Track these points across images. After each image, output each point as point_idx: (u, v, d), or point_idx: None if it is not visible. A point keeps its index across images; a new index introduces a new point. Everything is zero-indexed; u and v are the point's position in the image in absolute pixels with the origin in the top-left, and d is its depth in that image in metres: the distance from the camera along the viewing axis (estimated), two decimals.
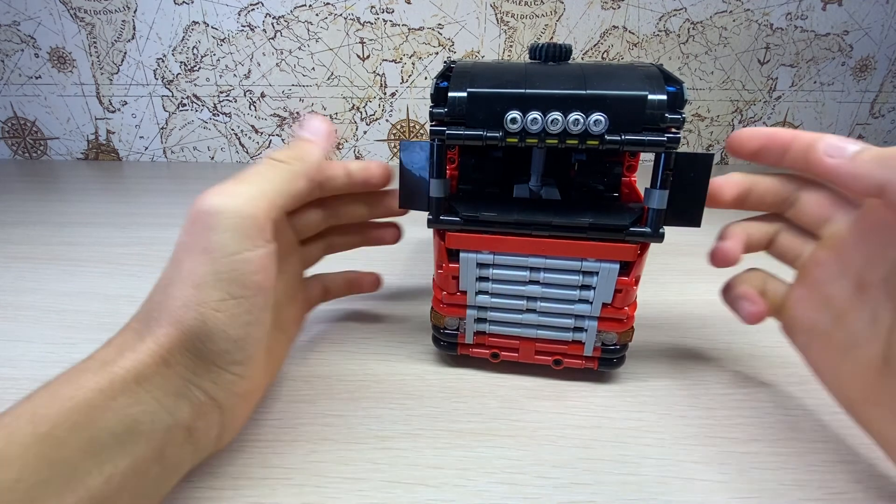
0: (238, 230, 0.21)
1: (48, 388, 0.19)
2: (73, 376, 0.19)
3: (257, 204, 0.22)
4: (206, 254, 0.21)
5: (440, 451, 0.27)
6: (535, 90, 0.24)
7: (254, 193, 0.22)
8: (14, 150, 0.72)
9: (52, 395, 0.19)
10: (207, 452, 0.23)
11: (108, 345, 0.21)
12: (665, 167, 0.25)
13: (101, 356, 0.20)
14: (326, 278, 0.34)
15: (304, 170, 0.25)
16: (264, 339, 0.23)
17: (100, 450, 0.18)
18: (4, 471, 0.16)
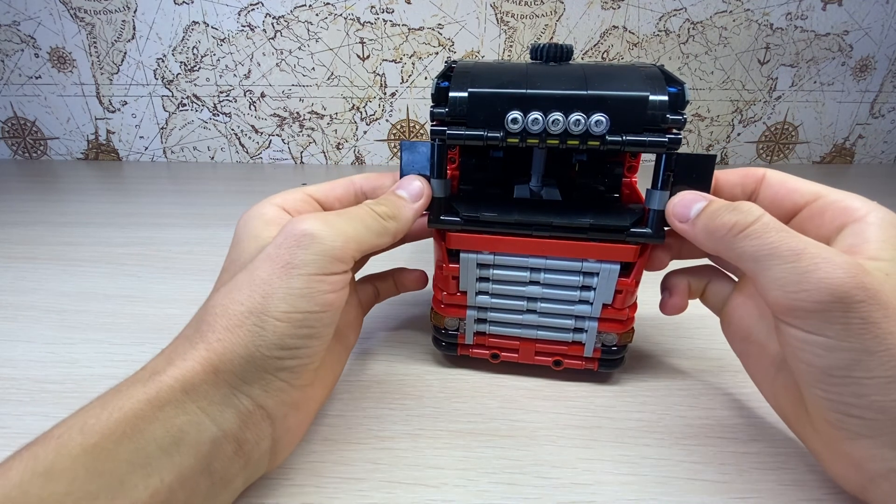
0: (324, 255, 0.22)
1: (101, 399, 0.19)
2: (125, 387, 0.19)
3: (348, 243, 0.23)
4: (287, 268, 0.22)
5: (440, 451, 0.27)
6: (537, 90, 0.24)
7: (349, 233, 0.24)
8: (14, 150, 0.72)
9: (102, 406, 0.19)
10: (261, 469, 0.23)
11: (161, 354, 0.21)
12: (666, 168, 0.25)
13: (152, 366, 0.20)
14: (376, 280, 0.33)
15: (395, 230, 0.26)
16: (322, 350, 0.23)
17: (146, 462, 0.18)
18: (54, 484, 0.16)
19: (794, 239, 0.20)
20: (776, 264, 0.20)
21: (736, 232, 0.22)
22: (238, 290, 0.22)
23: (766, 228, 0.21)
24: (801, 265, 0.20)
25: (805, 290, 0.19)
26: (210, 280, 0.42)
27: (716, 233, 0.22)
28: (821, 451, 0.23)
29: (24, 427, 0.28)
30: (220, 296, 0.23)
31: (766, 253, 0.20)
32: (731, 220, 0.22)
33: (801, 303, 0.19)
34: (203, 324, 0.22)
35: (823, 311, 0.19)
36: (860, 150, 0.72)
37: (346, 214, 0.25)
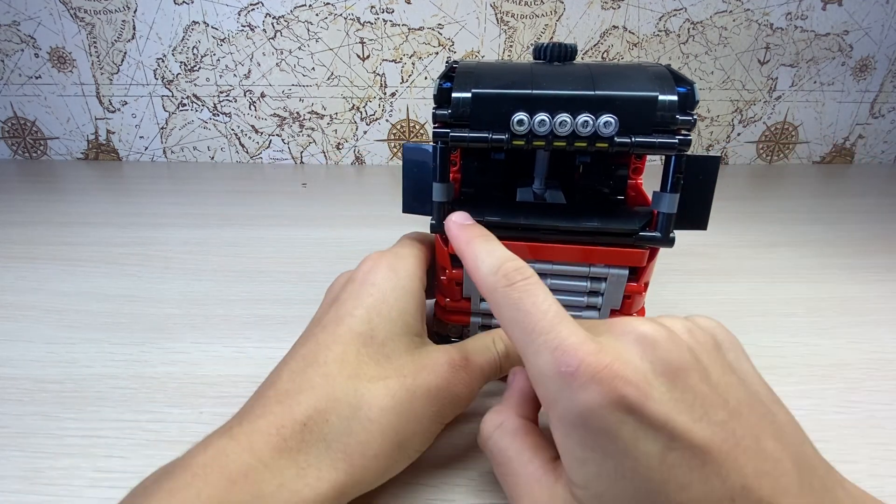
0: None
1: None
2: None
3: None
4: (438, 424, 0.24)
5: (441, 450, 0.27)
6: (543, 91, 0.24)
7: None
8: (14, 150, 0.72)
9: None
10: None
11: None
12: (676, 170, 0.24)
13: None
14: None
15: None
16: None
17: None
18: None
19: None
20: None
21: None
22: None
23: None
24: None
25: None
26: (210, 280, 0.42)
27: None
28: None
29: (24, 427, 0.28)
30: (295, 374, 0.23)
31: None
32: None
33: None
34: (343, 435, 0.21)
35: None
36: (860, 150, 0.72)
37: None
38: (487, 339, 0.26)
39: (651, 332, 0.18)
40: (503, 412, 0.22)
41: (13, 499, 0.24)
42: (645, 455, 0.16)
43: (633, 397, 0.16)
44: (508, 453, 0.21)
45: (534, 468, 0.20)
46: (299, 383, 0.22)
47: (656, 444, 0.16)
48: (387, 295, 0.25)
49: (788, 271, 0.45)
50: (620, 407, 0.16)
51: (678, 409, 0.16)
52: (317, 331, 0.24)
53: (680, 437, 0.16)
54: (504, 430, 0.21)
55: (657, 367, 0.17)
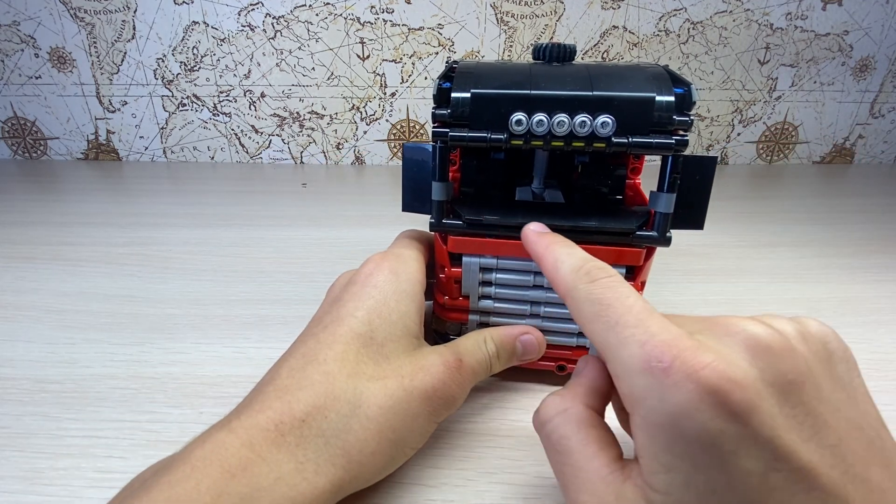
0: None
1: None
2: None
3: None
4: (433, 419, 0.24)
5: (440, 451, 0.27)
6: (541, 91, 0.24)
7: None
8: (14, 150, 0.72)
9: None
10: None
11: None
12: (673, 170, 0.25)
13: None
14: None
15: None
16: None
17: None
18: None
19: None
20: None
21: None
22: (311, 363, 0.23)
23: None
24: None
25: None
26: (210, 280, 0.42)
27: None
28: None
29: (24, 427, 0.28)
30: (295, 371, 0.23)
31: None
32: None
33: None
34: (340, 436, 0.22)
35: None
36: (860, 150, 0.72)
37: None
38: (479, 338, 0.27)
39: (765, 335, 0.16)
40: (568, 398, 0.21)
41: (13, 499, 0.24)
42: (744, 472, 0.15)
43: (740, 403, 0.15)
44: (570, 443, 0.19)
45: (599, 464, 0.18)
46: (299, 380, 0.22)
47: (759, 461, 0.15)
48: (388, 297, 0.25)
49: (788, 271, 0.45)
50: (723, 412, 0.15)
51: (788, 426, 0.15)
52: (317, 330, 0.25)
53: (787, 458, 0.15)
54: (568, 417, 0.20)
55: (768, 377, 0.15)
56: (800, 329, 0.17)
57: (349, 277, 0.27)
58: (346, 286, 0.27)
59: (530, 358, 0.29)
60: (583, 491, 0.18)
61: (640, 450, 0.17)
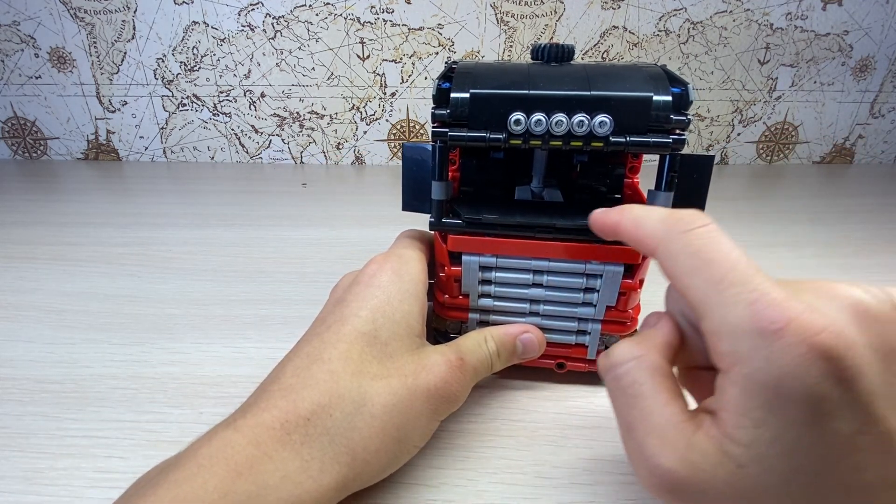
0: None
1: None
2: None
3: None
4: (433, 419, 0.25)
5: (440, 451, 0.27)
6: (539, 91, 0.24)
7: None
8: (14, 150, 0.72)
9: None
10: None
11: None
12: (670, 169, 0.25)
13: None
14: None
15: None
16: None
17: None
18: None
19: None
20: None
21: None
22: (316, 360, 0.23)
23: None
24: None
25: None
26: (210, 280, 0.42)
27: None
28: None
29: (23, 427, 0.28)
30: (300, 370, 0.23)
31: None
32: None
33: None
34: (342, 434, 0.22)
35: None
36: (860, 150, 0.72)
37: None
38: (480, 337, 0.27)
39: (872, 302, 0.16)
40: (644, 346, 0.20)
41: (13, 499, 0.24)
42: (835, 432, 0.15)
43: (850, 370, 0.15)
44: (642, 388, 0.19)
45: (671, 412, 0.18)
46: (304, 379, 0.22)
47: (853, 423, 0.15)
48: (391, 297, 0.25)
49: (788, 271, 0.45)
50: (832, 376, 0.15)
51: (885, 393, 0.15)
52: (321, 330, 0.25)
53: (878, 423, 0.15)
54: (643, 363, 0.20)
55: (874, 343, 0.16)
56: (891, 299, 0.17)
57: (352, 278, 0.27)
58: (350, 287, 0.27)
59: (530, 356, 0.29)
60: (651, 434, 0.18)
61: (727, 405, 0.17)
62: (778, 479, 0.16)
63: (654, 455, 0.18)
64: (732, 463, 0.16)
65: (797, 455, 0.16)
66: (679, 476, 0.17)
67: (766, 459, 0.16)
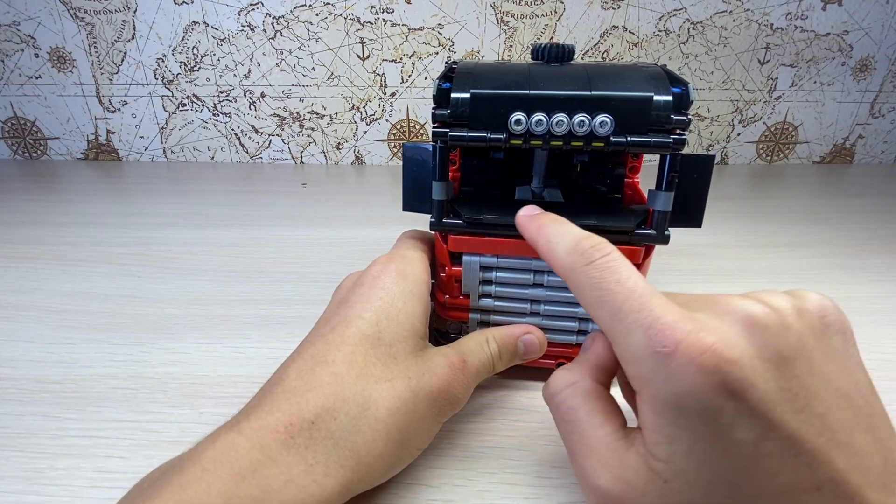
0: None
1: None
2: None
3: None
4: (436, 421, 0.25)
5: (441, 451, 0.27)
6: (540, 91, 0.24)
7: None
8: (14, 150, 0.72)
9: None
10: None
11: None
12: (671, 169, 0.25)
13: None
14: None
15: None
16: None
17: None
18: None
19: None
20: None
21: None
22: (320, 364, 0.23)
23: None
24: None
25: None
26: (210, 280, 0.42)
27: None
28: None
29: (24, 427, 0.28)
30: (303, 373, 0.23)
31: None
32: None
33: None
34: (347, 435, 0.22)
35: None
36: (860, 150, 0.72)
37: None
38: (481, 338, 0.27)
39: (760, 314, 0.17)
40: (577, 372, 0.22)
41: (13, 499, 0.24)
42: (739, 441, 0.16)
43: (738, 383, 0.16)
44: (578, 414, 0.20)
45: (604, 433, 0.19)
46: (308, 381, 0.22)
47: (753, 431, 0.16)
48: (395, 299, 0.25)
49: (788, 271, 0.45)
50: (723, 392, 0.16)
51: (780, 399, 0.16)
52: (325, 331, 0.25)
53: (778, 428, 0.16)
54: (576, 390, 0.21)
55: (764, 353, 0.16)
56: (797, 304, 0.18)
57: (356, 279, 0.27)
58: (353, 288, 0.27)
59: (532, 357, 0.29)
60: (589, 457, 0.19)
61: (645, 423, 0.18)
62: (699, 490, 0.17)
63: (593, 476, 0.19)
64: (659, 478, 0.17)
65: (710, 466, 0.16)
66: (615, 494, 0.18)
67: (686, 473, 0.17)
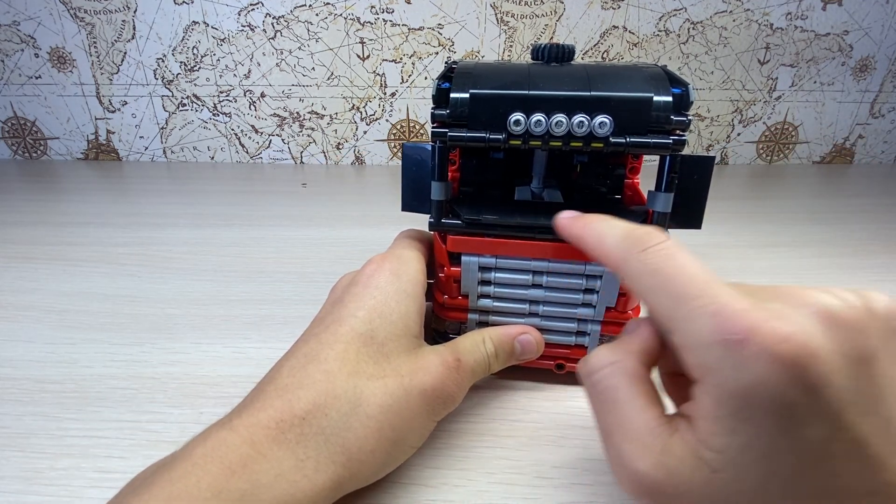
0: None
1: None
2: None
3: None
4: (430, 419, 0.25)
5: (440, 451, 0.27)
6: (539, 91, 0.24)
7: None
8: (14, 150, 0.72)
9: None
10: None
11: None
12: (671, 170, 0.25)
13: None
14: None
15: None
16: None
17: None
18: None
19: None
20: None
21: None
22: (313, 361, 0.23)
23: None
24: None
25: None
26: (210, 280, 0.42)
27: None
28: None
29: (24, 427, 0.28)
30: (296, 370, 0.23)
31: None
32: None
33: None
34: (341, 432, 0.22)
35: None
36: (860, 150, 0.72)
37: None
38: (478, 338, 0.27)
39: (840, 308, 0.16)
40: (620, 351, 0.20)
41: (13, 499, 0.24)
42: (806, 439, 0.15)
43: (817, 377, 0.15)
44: (619, 394, 0.19)
45: (648, 417, 0.18)
46: (300, 379, 0.22)
47: (823, 431, 0.15)
48: (389, 298, 0.25)
49: (788, 271, 0.45)
50: (799, 384, 0.15)
51: (854, 400, 0.15)
52: (318, 330, 0.25)
53: (848, 430, 0.15)
54: (619, 368, 0.20)
55: (843, 350, 0.16)
56: (866, 303, 0.17)
57: (351, 278, 0.27)
58: (348, 287, 0.27)
59: (529, 357, 0.29)
60: (628, 439, 0.18)
61: (700, 412, 0.17)
62: (752, 484, 0.16)
63: (632, 460, 0.18)
64: (707, 468, 0.17)
65: (770, 461, 0.16)
66: (656, 480, 0.17)
67: (740, 465, 0.16)
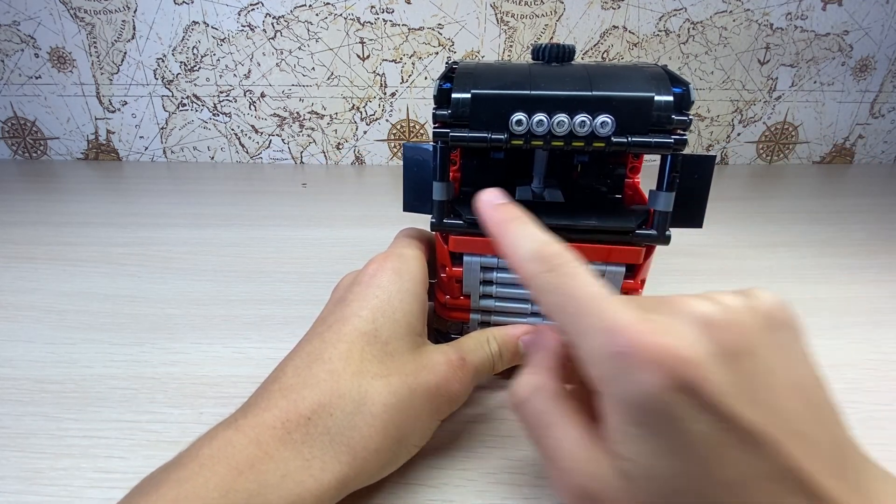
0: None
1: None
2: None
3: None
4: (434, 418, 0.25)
5: (441, 450, 0.27)
6: (541, 91, 0.24)
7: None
8: (14, 150, 0.72)
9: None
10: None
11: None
12: (672, 169, 0.25)
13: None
14: None
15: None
16: None
17: None
18: None
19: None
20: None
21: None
22: (316, 360, 0.23)
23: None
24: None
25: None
26: (210, 280, 0.42)
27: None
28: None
29: (23, 427, 0.28)
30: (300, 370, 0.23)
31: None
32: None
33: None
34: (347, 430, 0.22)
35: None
36: (860, 150, 0.72)
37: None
38: (482, 337, 0.27)
39: (710, 311, 0.18)
40: (539, 374, 0.22)
41: (13, 499, 0.24)
42: (697, 435, 0.16)
43: (692, 379, 0.16)
44: (549, 418, 0.20)
45: (576, 433, 0.19)
46: (304, 378, 0.22)
47: (709, 425, 0.16)
48: (392, 297, 0.26)
49: (788, 271, 0.45)
50: (678, 388, 0.16)
51: (734, 392, 0.16)
52: (322, 329, 0.25)
53: (732, 420, 0.16)
54: (544, 394, 0.21)
55: (715, 349, 0.17)
56: (745, 302, 0.18)
57: (353, 278, 0.28)
58: (350, 286, 0.27)
59: None
60: (563, 459, 0.19)
61: (608, 422, 0.18)
62: (664, 485, 0.17)
63: (572, 476, 0.19)
64: (625, 476, 0.18)
65: (672, 461, 0.17)
66: (593, 492, 0.18)
67: (650, 469, 0.17)
